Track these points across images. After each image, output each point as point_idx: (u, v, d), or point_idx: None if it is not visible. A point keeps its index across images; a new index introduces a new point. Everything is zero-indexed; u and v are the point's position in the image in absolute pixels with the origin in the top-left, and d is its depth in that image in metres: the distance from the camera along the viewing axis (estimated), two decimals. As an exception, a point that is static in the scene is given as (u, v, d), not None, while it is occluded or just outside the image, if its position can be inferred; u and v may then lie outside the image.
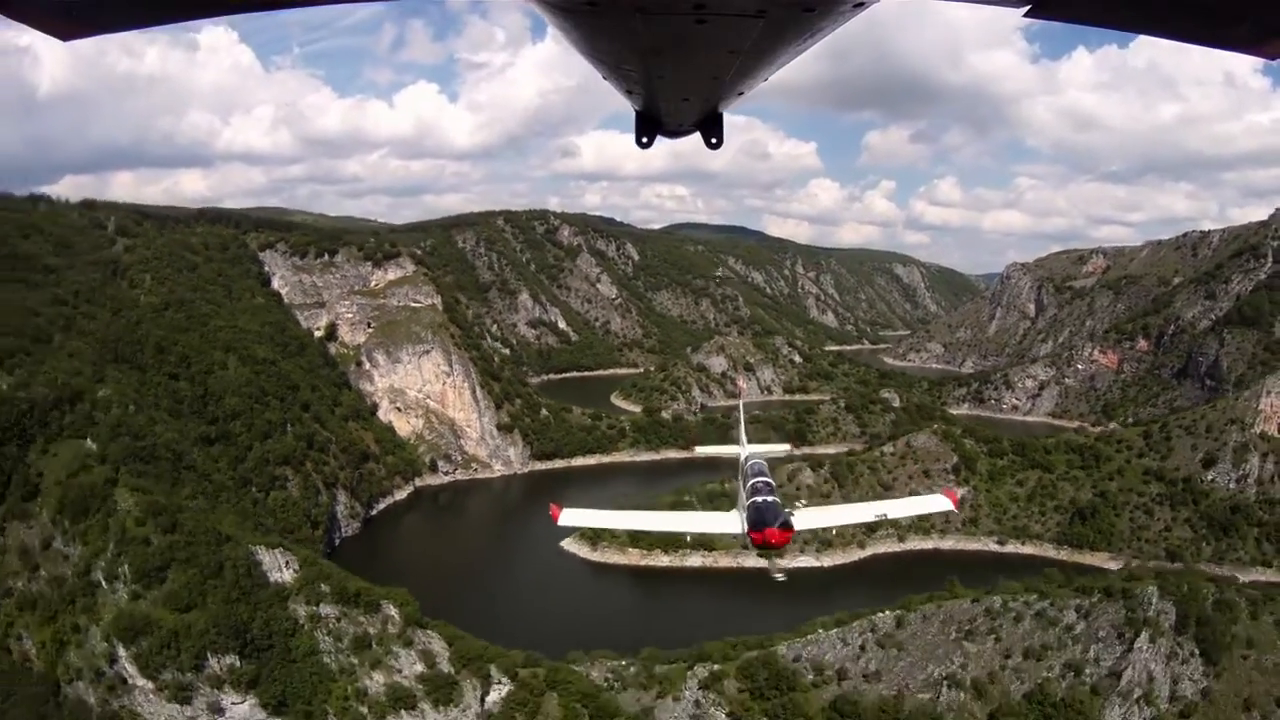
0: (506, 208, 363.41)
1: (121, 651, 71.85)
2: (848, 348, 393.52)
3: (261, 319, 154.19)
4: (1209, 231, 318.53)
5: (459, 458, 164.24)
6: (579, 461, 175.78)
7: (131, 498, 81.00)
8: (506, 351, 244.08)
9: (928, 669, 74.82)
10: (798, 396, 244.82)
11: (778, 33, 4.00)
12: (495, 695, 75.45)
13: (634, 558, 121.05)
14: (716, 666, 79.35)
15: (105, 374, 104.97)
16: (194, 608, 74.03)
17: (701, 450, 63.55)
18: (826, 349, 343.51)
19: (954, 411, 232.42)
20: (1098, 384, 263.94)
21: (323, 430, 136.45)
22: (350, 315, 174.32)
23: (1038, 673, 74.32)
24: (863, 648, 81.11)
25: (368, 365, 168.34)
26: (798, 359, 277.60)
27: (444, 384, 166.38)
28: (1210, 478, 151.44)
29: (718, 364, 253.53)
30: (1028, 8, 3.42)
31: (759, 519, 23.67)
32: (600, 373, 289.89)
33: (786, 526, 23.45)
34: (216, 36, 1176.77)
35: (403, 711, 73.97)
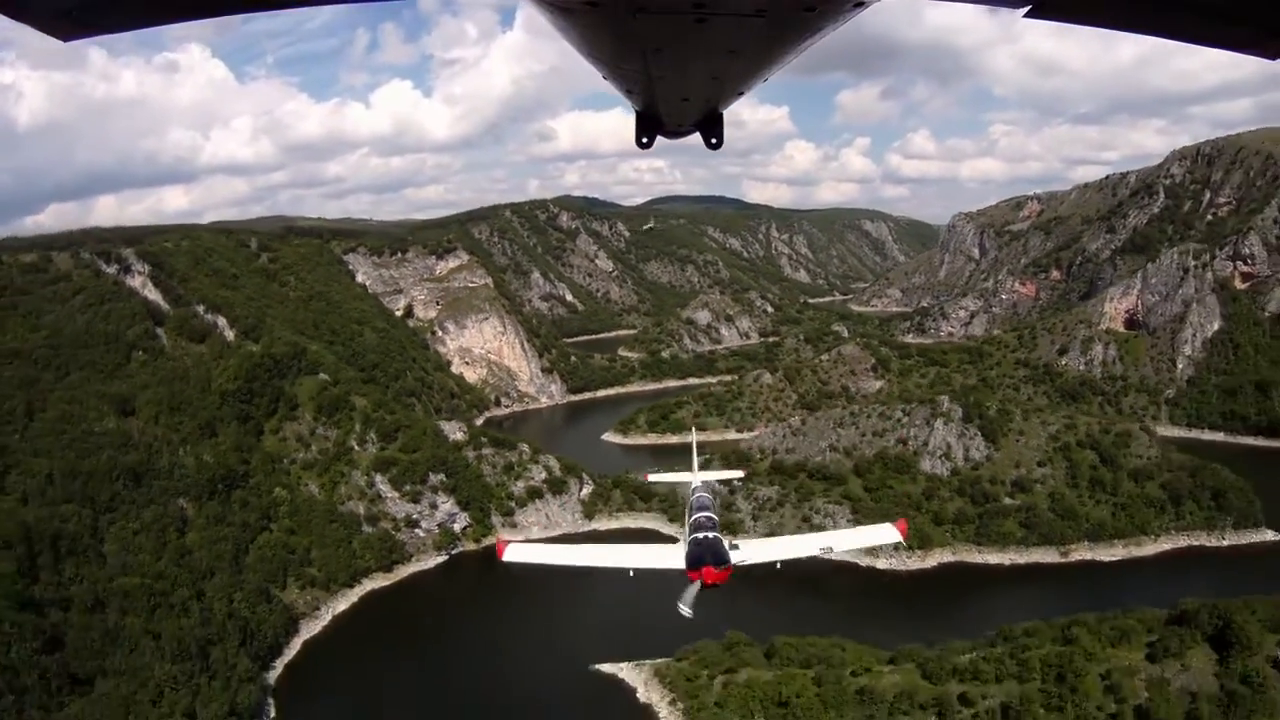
0: (511, 200, 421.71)
1: (378, 478, 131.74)
2: (820, 299, 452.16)
3: (365, 303, 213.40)
4: (1127, 173, 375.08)
5: (515, 394, 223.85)
6: (602, 393, 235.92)
7: (362, 400, 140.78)
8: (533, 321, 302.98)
9: (821, 445, 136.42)
10: (770, 339, 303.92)
11: (778, 32, 4.12)
12: (585, 491, 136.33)
13: (652, 438, 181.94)
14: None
15: (299, 341, 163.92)
16: (416, 450, 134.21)
17: (655, 477, 68.91)
18: (801, 302, 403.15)
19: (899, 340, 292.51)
20: (1019, 310, 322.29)
21: (427, 375, 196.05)
22: (423, 297, 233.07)
23: (880, 443, 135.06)
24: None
25: (440, 333, 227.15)
26: (770, 309, 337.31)
27: (500, 341, 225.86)
28: (1064, 362, 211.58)
29: (703, 317, 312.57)
30: (1028, 9, 3.51)
31: (696, 556, 24.12)
32: (604, 335, 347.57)
33: (723, 564, 23.86)
34: (190, 54, 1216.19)
35: (534, 500, 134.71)
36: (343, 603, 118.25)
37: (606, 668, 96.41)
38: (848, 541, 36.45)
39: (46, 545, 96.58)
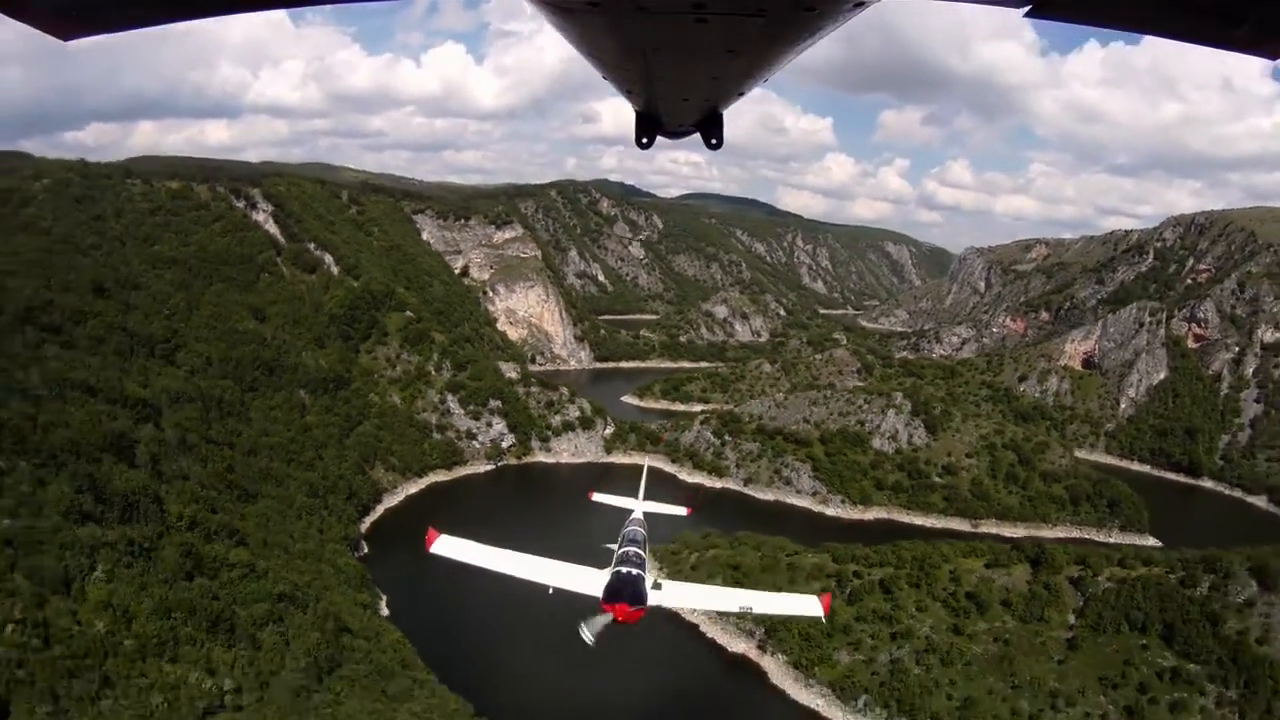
0: (545, 173, 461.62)
1: (449, 397, 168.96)
2: (833, 311, 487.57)
3: (432, 259, 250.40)
4: (1130, 231, 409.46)
5: (549, 355, 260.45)
6: (624, 364, 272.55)
7: (440, 335, 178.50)
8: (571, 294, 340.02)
9: (797, 417, 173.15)
10: (778, 340, 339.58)
11: (778, 32, 4.11)
12: (607, 431, 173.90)
13: (663, 404, 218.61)
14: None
15: (389, 282, 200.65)
16: (480, 380, 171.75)
17: (599, 498, 51.39)
18: (813, 310, 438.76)
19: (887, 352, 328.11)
20: (1006, 343, 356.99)
21: (479, 327, 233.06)
22: (479, 260, 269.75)
23: (844, 422, 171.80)
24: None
25: (490, 294, 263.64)
26: (783, 313, 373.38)
27: (542, 308, 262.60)
28: (1022, 389, 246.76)
29: (721, 311, 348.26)
30: (1028, 8, 3.55)
31: (615, 590, 24.67)
32: (629, 316, 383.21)
33: (639, 603, 24.49)
34: None
35: (567, 432, 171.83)
36: (413, 487, 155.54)
37: (611, 545, 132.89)
38: (768, 605, 34.55)
39: (214, 404, 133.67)
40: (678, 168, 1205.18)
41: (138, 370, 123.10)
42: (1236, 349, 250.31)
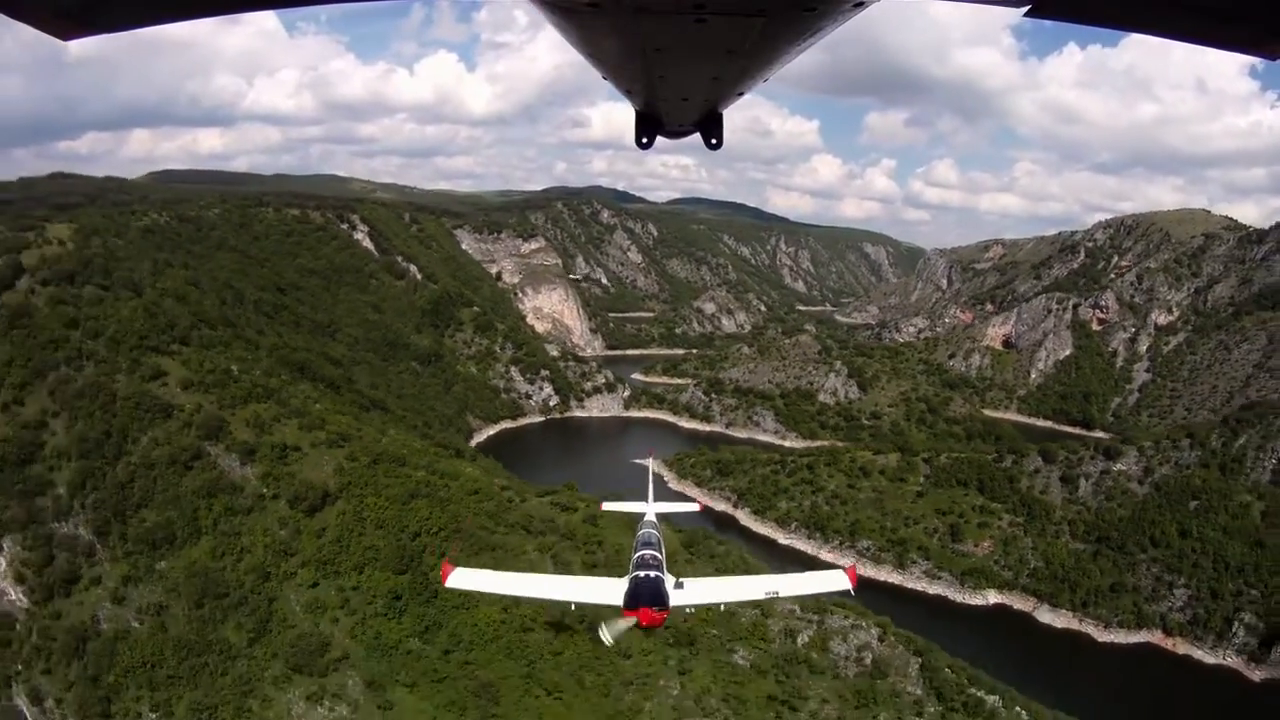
0: (535, 177, 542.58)
1: (512, 369, 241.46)
2: (812, 308, 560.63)
3: (475, 268, 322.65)
4: (1075, 231, 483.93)
5: (569, 345, 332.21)
6: (630, 351, 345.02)
7: (501, 324, 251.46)
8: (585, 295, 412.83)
9: (764, 379, 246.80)
10: (759, 331, 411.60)
11: (778, 32, 4.22)
12: (625, 394, 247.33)
13: (664, 379, 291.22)
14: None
15: (457, 286, 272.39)
16: (533, 356, 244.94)
17: (609, 506, 56.70)
18: (791, 307, 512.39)
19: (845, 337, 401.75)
20: (956, 332, 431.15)
21: (516, 322, 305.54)
22: (510, 267, 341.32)
23: (798, 382, 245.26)
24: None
25: (520, 295, 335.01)
26: (764, 309, 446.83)
27: (563, 306, 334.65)
28: (951, 364, 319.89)
29: (709, 308, 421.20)
30: (1028, 7, 3.63)
31: (635, 596, 24.95)
32: (629, 314, 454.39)
33: (661, 606, 24.83)
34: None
35: (595, 394, 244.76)
36: (492, 430, 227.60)
37: (638, 460, 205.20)
38: (796, 587, 33.78)
39: (365, 370, 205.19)
40: (667, 171, 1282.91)
41: (324, 344, 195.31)
42: (1133, 329, 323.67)
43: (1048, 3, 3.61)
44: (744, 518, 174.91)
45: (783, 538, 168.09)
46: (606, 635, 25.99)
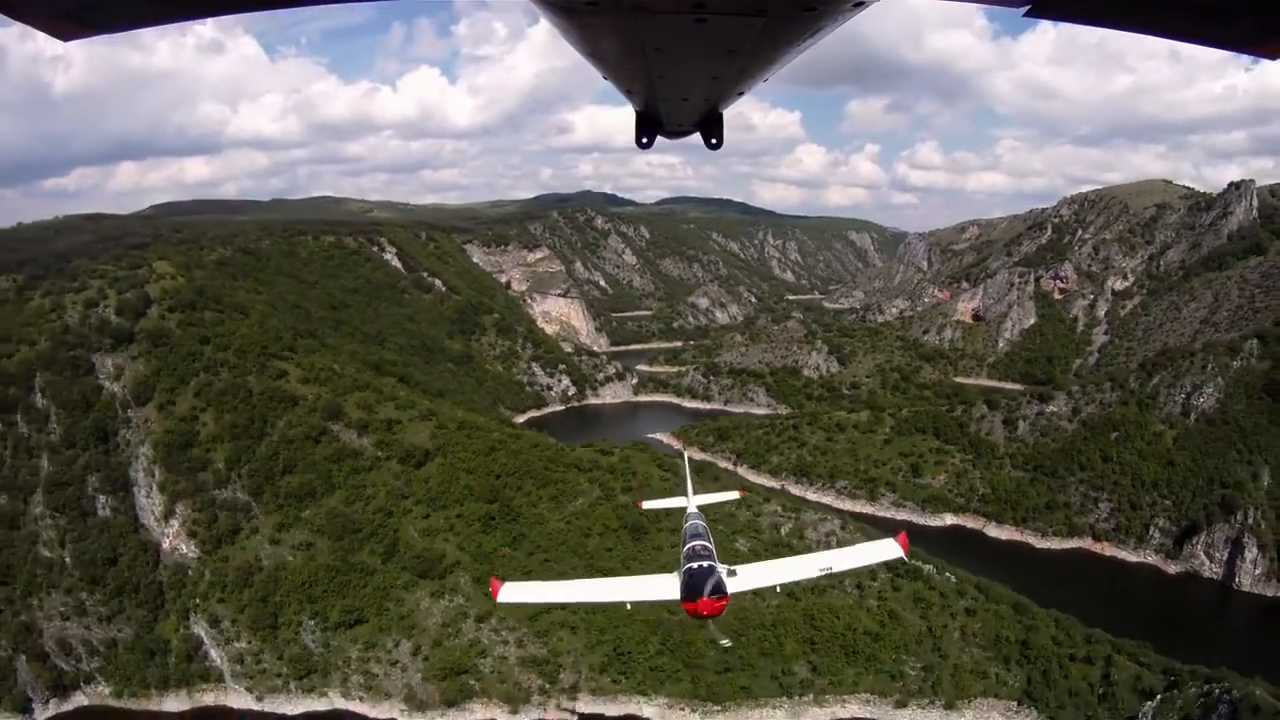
0: (521, 185, 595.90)
1: (534, 365, 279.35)
2: (801, 296, 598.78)
3: (488, 279, 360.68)
4: (1045, 209, 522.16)
5: (577, 343, 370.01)
6: (633, 346, 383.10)
7: (520, 326, 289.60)
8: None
9: (755, 359, 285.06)
10: (751, 321, 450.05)
11: (777, 32, 4.31)
12: (634, 381, 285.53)
13: (666, 368, 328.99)
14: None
15: (477, 296, 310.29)
16: (551, 352, 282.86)
17: (649, 504, 53.19)
18: (781, 297, 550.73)
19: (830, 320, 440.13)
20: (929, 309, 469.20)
21: (528, 326, 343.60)
22: (517, 276, 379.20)
23: (785, 360, 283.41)
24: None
25: (529, 300, 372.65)
26: (754, 300, 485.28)
27: (569, 309, 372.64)
28: (925, 338, 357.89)
29: (703, 303, 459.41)
30: (1028, 7, 3.74)
31: (691, 588, 25.04)
32: (628, 313, 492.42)
33: (720, 594, 24.88)
34: (221, 27, 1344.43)
35: (608, 383, 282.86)
36: (521, 418, 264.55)
37: (650, 435, 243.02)
38: (849, 561, 33.46)
39: (415, 367, 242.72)
40: (653, 170, 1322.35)
41: (379, 350, 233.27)
42: (1092, 296, 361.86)
43: (1047, 3, 3.76)
44: (743, 472, 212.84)
45: (776, 485, 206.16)
46: (723, 640, 41.14)
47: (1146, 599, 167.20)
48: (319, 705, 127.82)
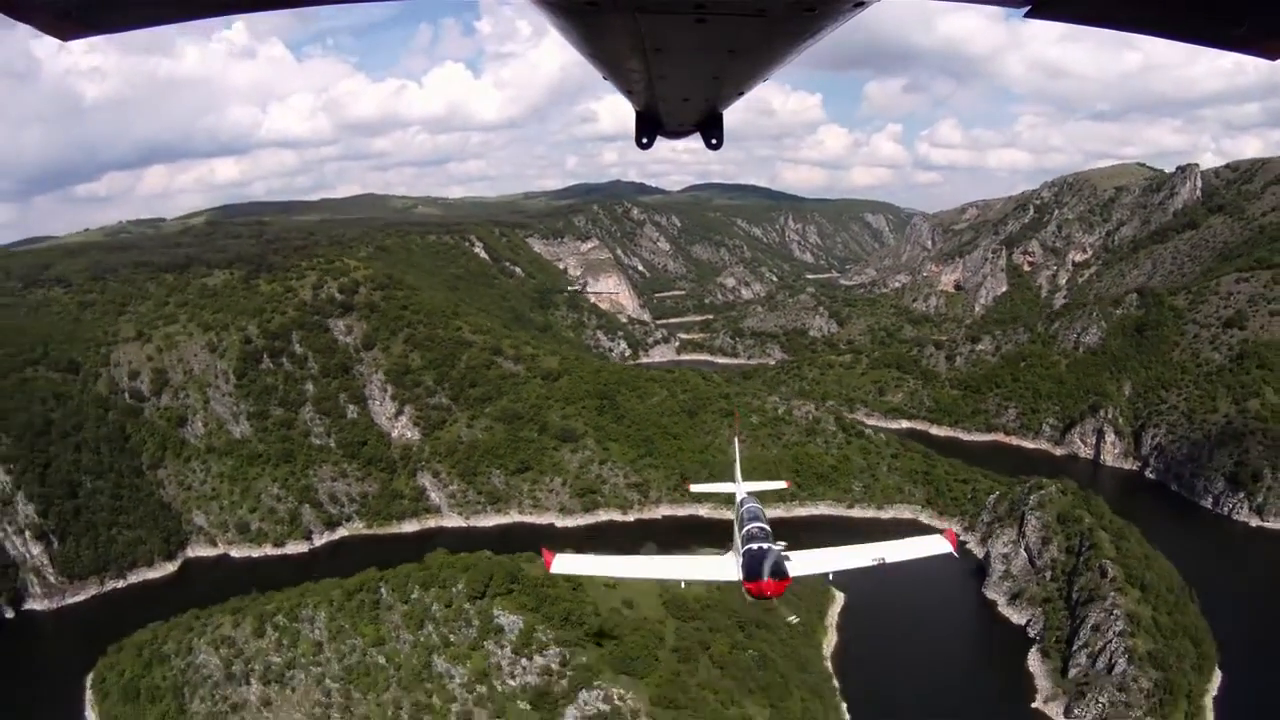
0: (568, 176, 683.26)
1: (599, 332, 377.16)
2: (819, 275, 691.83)
3: (551, 266, 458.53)
4: (1036, 189, 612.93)
5: (625, 318, 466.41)
6: (672, 320, 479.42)
7: (586, 301, 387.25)
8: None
9: (769, 323, 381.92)
10: (777, 296, 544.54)
11: (778, 32, 4.47)
12: (676, 344, 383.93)
13: (699, 335, 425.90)
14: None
15: (550, 280, 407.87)
16: (611, 323, 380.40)
17: (696, 488, 65.19)
18: (805, 277, 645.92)
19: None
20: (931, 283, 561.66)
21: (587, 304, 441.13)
22: (574, 263, 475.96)
23: (794, 323, 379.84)
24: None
25: (585, 283, 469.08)
26: (775, 279, 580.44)
27: (620, 289, 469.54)
28: (913, 305, 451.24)
29: (730, 283, 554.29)
30: (1028, 8, 3.89)
31: (753, 568, 26.14)
32: (664, 294, 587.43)
33: (781, 576, 25.94)
34: (240, 31, 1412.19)
35: (656, 345, 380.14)
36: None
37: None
38: (900, 552, 35.60)
39: (498, 338, 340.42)
40: (678, 155, 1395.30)
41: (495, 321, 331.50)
42: (1054, 268, 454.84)
43: (1048, 3, 3.90)
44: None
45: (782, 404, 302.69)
46: (793, 618, 61.21)
47: (1037, 470, 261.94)
48: (505, 520, 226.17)
